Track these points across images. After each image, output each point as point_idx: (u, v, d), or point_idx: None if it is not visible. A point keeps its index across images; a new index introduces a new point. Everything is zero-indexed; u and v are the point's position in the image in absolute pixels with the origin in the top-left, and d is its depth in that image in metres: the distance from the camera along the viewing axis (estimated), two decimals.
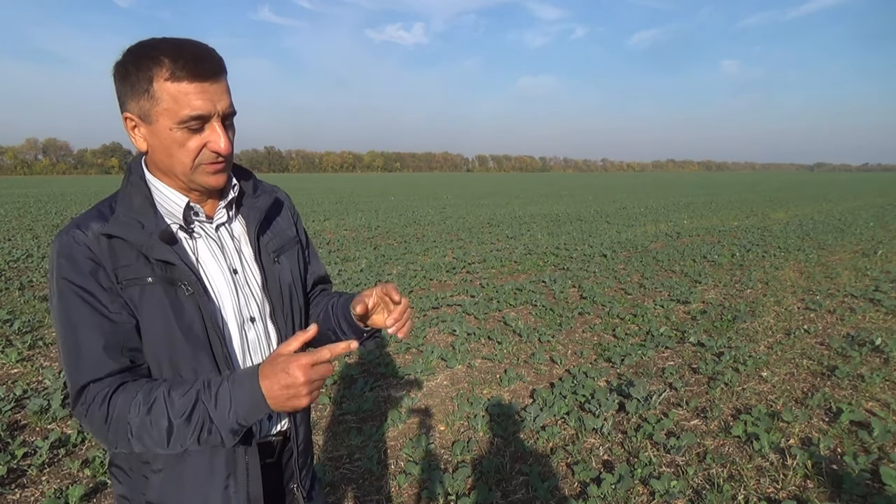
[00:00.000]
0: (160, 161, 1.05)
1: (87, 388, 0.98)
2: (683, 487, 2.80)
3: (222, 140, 1.02)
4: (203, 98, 0.98)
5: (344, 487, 2.89)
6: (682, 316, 5.92)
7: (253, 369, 0.97)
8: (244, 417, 0.96)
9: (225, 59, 1.04)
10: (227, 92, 1.03)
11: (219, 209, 1.15)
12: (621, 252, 10.03)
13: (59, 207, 20.80)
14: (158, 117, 0.99)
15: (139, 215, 1.04)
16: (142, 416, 0.96)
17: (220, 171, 1.06)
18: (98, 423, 0.97)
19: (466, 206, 22.45)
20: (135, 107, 1.00)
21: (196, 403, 0.96)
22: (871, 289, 6.87)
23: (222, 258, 1.13)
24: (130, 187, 1.07)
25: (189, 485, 1.09)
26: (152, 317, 1.02)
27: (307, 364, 0.93)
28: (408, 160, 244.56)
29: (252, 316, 1.16)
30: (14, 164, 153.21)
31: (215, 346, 1.06)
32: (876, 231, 12.80)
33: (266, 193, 1.23)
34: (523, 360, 4.65)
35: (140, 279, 1.01)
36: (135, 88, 0.99)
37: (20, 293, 6.77)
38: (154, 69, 0.97)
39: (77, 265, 0.99)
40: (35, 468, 2.98)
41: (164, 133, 1.00)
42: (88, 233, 1.01)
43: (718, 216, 17.17)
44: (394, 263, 8.91)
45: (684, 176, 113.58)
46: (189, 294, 1.04)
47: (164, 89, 0.97)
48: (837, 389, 3.97)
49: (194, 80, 0.97)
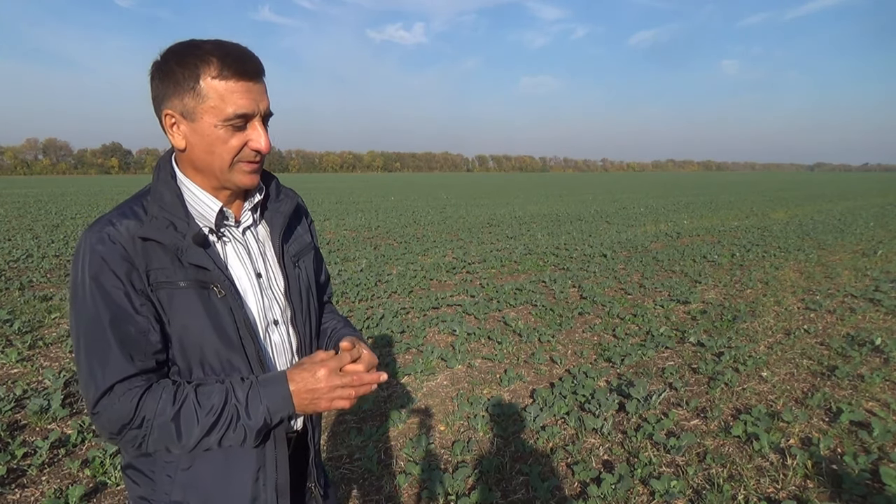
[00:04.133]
0: (198, 158, 1.05)
1: (114, 387, 0.98)
2: (683, 487, 2.80)
3: (263, 139, 1.04)
4: (248, 97, 1.01)
5: (344, 487, 2.89)
6: (682, 316, 5.92)
7: (281, 373, 1.04)
8: (273, 415, 1.02)
9: None
10: (266, 93, 1.06)
11: (244, 212, 1.16)
12: (621, 252, 10.03)
13: (59, 207, 20.80)
14: (203, 115, 1.00)
15: (171, 215, 1.04)
16: (170, 416, 0.98)
17: (255, 170, 1.08)
18: (121, 422, 0.98)
19: (466, 206, 22.45)
20: (178, 104, 1.01)
21: (226, 404, 1.00)
22: (871, 289, 6.87)
23: (248, 262, 1.14)
24: (161, 185, 1.07)
25: (218, 480, 1.09)
26: (185, 319, 1.03)
27: (332, 369, 1.02)
28: (408, 160, 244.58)
29: (275, 319, 1.17)
30: (14, 164, 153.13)
31: (248, 348, 1.08)
32: (876, 231, 12.80)
33: (289, 198, 1.24)
34: (523, 360, 4.65)
35: (172, 283, 1.02)
36: (179, 86, 1.00)
37: (20, 293, 6.77)
38: (202, 67, 0.98)
39: (110, 265, 0.99)
40: (35, 468, 2.98)
41: (207, 130, 1.01)
42: (122, 231, 1.01)
43: (718, 216, 17.17)
44: (394, 263, 8.91)
45: (684, 176, 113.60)
46: (221, 297, 1.05)
47: (211, 87, 0.99)
48: (837, 389, 3.97)
49: (241, 79, 1.00)
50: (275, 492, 1.12)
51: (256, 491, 1.11)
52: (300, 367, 1.04)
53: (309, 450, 1.27)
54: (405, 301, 6.54)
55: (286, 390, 1.02)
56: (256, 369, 1.09)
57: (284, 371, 1.04)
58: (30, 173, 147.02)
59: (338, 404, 1.03)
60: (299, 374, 1.02)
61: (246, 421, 1.01)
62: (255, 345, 1.08)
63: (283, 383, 1.02)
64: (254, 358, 1.08)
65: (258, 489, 1.11)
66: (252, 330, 1.09)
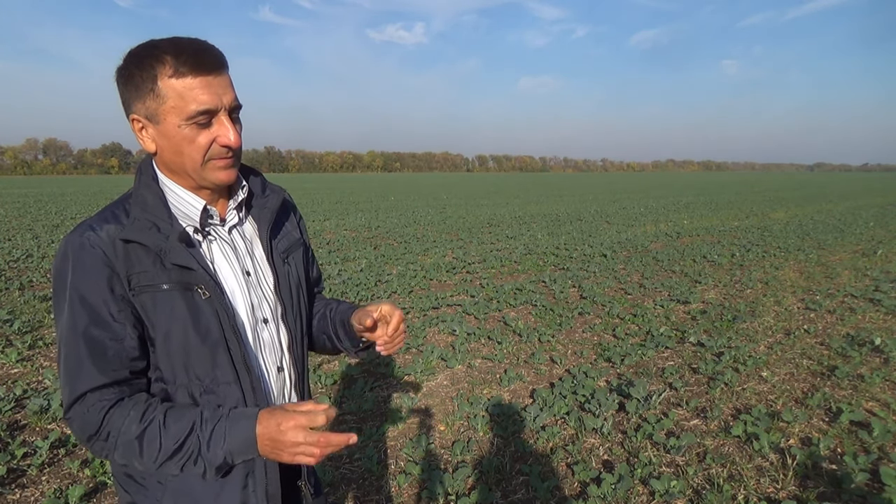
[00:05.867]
0: (170, 161, 1.04)
1: (85, 396, 0.98)
2: (683, 487, 2.80)
3: (231, 133, 1.01)
4: (208, 92, 0.98)
5: (344, 487, 2.89)
6: (682, 316, 5.92)
7: (253, 412, 0.99)
8: (234, 456, 0.97)
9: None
10: (230, 85, 1.03)
11: (229, 210, 1.14)
12: (621, 252, 10.03)
13: (59, 207, 20.80)
14: (166, 116, 0.98)
15: (154, 217, 1.03)
16: (134, 435, 0.96)
17: (230, 165, 1.06)
18: (88, 432, 0.97)
19: (466, 206, 22.44)
20: (141, 108, 1.00)
21: (190, 434, 0.97)
22: (871, 289, 6.87)
23: (235, 261, 1.13)
24: (143, 188, 1.06)
25: (208, 486, 1.07)
26: (167, 323, 1.02)
27: (299, 425, 0.93)
28: (408, 160, 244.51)
29: (265, 317, 1.15)
30: (14, 164, 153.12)
31: (233, 349, 1.06)
32: (876, 231, 12.80)
33: (275, 193, 1.22)
34: (523, 360, 4.65)
35: (155, 286, 1.00)
36: (139, 89, 0.98)
37: (20, 293, 6.77)
38: (157, 67, 0.96)
39: (89, 270, 0.97)
40: (35, 468, 2.98)
41: (172, 131, 0.99)
42: (103, 235, 0.99)
43: (718, 216, 17.17)
44: (394, 263, 8.91)
45: (684, 176, 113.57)
46: (206, 298, 1.03)
47: (168, 86, 0.97)
48: (837, 389, 3.97)
49: (198, 74, 0.97)
50: (265, 498, 1.11)
51: (246, 497, 1.09)
52: (274, 412, 0.97)
53: None
54: (405, 301, 6.54)
55: (252, 433, 0.96)
56: (242, 372, 1.07)
57: (258, 411, 0.98)
58: (30, 173, 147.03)
59: (300, 460, 0.96)
60: (269, 418, 0.96)
61: (206, 456, 0.97)
62: (240, 348, 1.06)
63: (251, 424, 0.96)
64: (239, 361, 1.06)
65: (247, 495, 1.09)
66: (238, 332, 1.07)
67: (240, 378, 1.07)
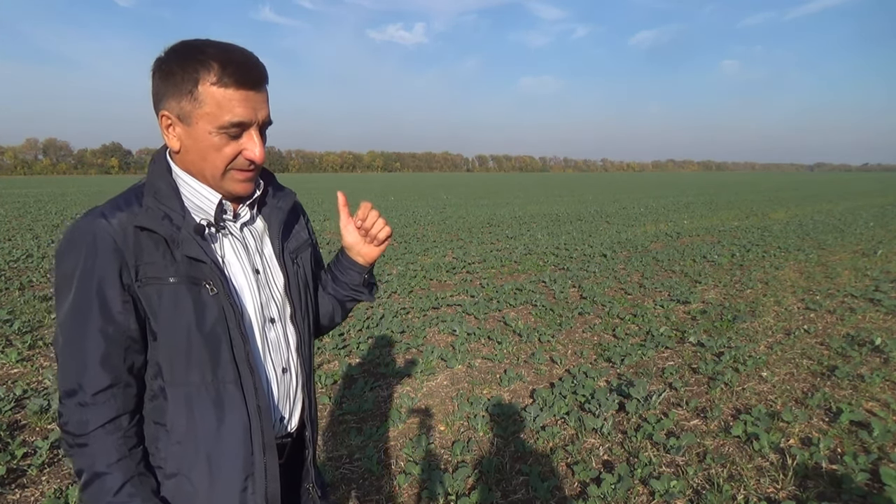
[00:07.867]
0: (192, 162, 1.04)
1: (85, 394, 0.98)
2: (683, 487, 2.80)
3: (258, 149, 1.02)
4: (246, 106, 0.98)
5: (344, 487, 2.89)
6: (682, 316, 5.92)
7: None
8: None
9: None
10: (267, 101, 1.03)
11: (242, 207, 1.14)
12: (621, 252, 10.03)
13: (59, 207, 20.80)
14: (198, 120, 0.98)
15: (167, 207, 1.01)
16: (96, 469, 0.97)
17: (249, 179, 1.06)
18: (72, 429, 0.98)
19: (466, 206, 22.45)
20: (174, 106, 0.99)
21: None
22: (871, 289, 6.87)
23: (245, 258, 1.12)
24: (157, 178, 1.05)
25: (204, 489, 1.06)
26: (171, 317, 1.00)
27: None
28: (408, 160, 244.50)
29: (272, 317, 1.15)
30: (14, 164, 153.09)
31: (237, 348, 1.05)
32: (876, 231, 12.80)
33: (287, 196, 1.23)
34: (523, 360, 4.65)
35: (161, 279, 0.99)
36: (178, 88, 0.98)
37: (20, 293, 6.77)
38: (201, 72, 0.96)
39: (99, 257, 0.96)
40: (35, 468, 2.98)
41: (201, 136, 0.99)
42: (115, 223, 0.98)
43: (718, 216, 17.17)
44: (394, 263, 8.91)
45: (684, 176, 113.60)
46: (213, 294, 1.02)
47: (209, 93, 0.96)
48: (837, 389, 3.97)
49: (240, 87, 0.97)
50: (265, 501, 1.09)
51: (244, 500, 1.07)
52: None
53: (306, 449, 1.24)
54: (405, 301, 6.54)
55: None
56: (244, 372, 1.06)
57: None
58: (30, 173, 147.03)
59: None
60: None
61: None
62: (244, 346, 1.05)
63: None
64: (242, 360, 1.05)
65: (246, 498, 1.07)
66: (244, 330, 1.06)
67: (241, 378, 1.06)
